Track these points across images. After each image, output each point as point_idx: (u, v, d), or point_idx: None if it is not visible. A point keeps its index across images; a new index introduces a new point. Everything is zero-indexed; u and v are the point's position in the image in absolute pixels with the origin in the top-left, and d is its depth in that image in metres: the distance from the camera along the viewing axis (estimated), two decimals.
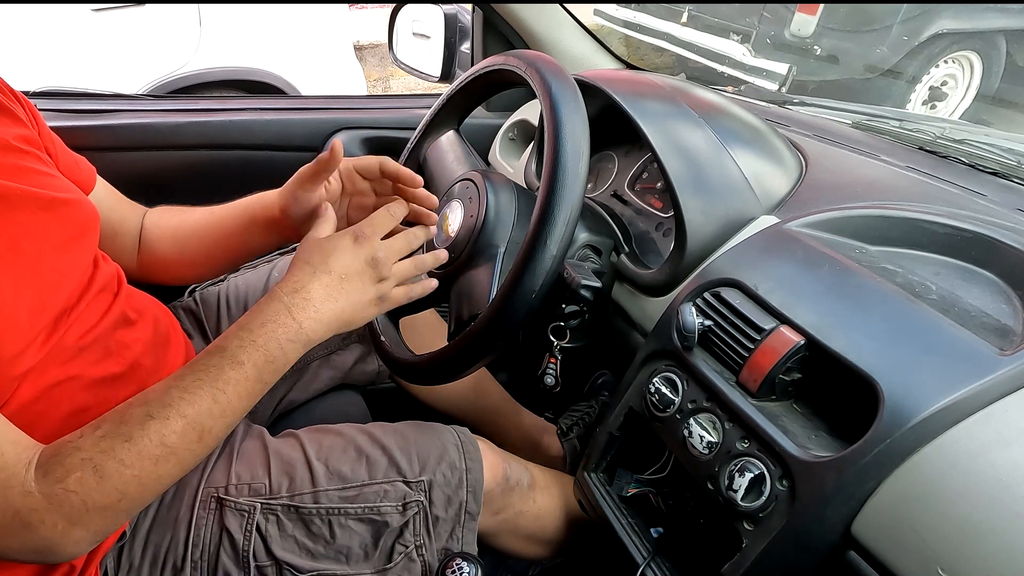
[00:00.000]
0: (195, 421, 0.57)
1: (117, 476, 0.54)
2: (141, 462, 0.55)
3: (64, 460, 0.53)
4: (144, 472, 0.55)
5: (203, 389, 0.58)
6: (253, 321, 0.62)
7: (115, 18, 2.22)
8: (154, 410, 0.56)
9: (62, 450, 0.54)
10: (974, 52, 3.53)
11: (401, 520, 0.76)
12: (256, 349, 0.60)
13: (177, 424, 0.56)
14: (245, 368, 0.60)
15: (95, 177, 0.82)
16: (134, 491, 0.55)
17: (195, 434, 0.57)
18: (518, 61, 0.74)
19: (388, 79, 4.82)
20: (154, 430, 0.55)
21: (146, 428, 0.55)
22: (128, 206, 0.87)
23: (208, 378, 0.59)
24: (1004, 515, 0.45)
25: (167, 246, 0.86)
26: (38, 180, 0.65)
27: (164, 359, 0.78)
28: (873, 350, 0.54)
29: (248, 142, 1.23)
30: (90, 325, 0.69)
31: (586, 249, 0.80)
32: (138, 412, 0.56)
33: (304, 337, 0.63)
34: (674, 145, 0.77)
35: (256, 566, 0.72)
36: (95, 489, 0.53)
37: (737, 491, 0.56)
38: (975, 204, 0.74)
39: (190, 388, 0.58)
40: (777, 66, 3.25)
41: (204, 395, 0.58)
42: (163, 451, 0.56)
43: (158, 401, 0.57)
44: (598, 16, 4.33)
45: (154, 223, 0.87)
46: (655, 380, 0.67)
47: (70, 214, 0.67)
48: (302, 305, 0.63)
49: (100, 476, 0.53)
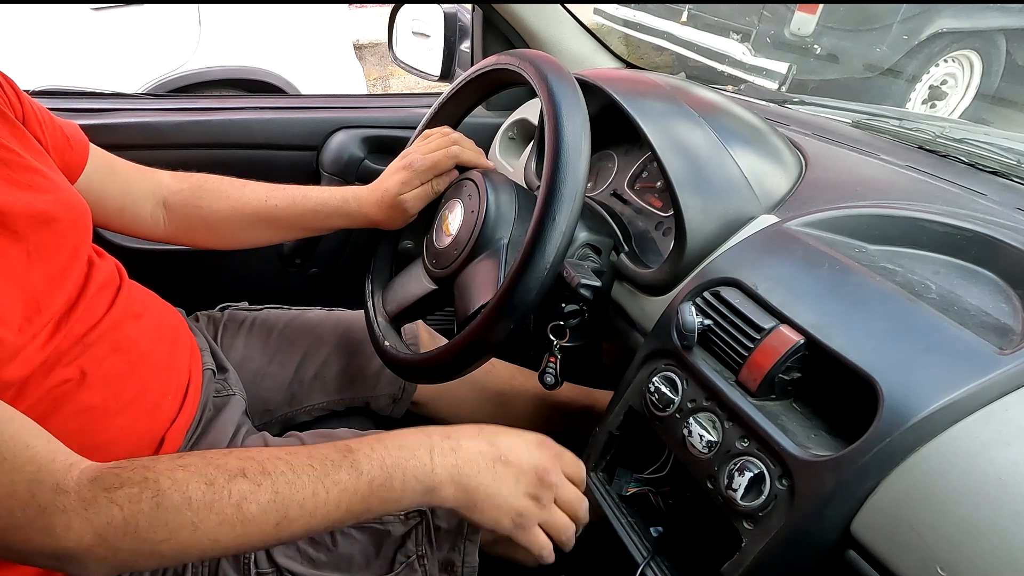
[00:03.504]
0: (284, 502, 0.51)
1: (175, 512, 0.48)
2: (208, 512, 0.49)
3: (124, 472, 0.48)
4: (204, 524, 0.48)
5: (310, 475, 0.52)
6: (392, 441, 0.57)
7: (115, 18, 2.22)
8: (250, 470, 0.51)
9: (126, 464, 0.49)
10: (974, 51, 3.53)
11: (403, 529, 0.76)
12: (381, 468, 0.55)
13: (265, 496, 0.50)
14: (361, 479, 0.54)
15: (87, 151, 0.80)
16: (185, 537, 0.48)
17: (276, 516, 0.51)
18: (518, 60, 0.74)
19: (388, 78, 4.82)
20: (239, 488, 0.50)
21: (232, 482, 0.50)
22: (137, 176, 0.85)
23: (321, 468, 0.53)
24: (1004, 514, 0.45)
25: (215, 227, 0.86)
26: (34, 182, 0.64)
27: (173, 354, 0.78)
28: (873, 349, 0.54)
29: (248, 141, 1.23)
30: (95, 321, 0.68)
31: (586, 248, 0.80)
32: (233, 464, 0.51)
33: (429, 483, 0.56)
34: (674, 144, 0.77)
35: (257, 572, 0.72)
36: (144, 514, 0.47)
37: (737, 490, 0.56)
38: (975, 203, 0.74)
39: (297, 468, 0.52)
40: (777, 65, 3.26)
41: (308, 482, 0.52)
42: (235, 515, 0.49)
43: (258, 464, 0.52)
44: (598, 15, 4.34)
45: (191, 200, 0.86)
46: (655, 379, 0.67)
47: (67, 214, 0.66)
48: (444, 453, 0.57)
49: (158, 503, 0.47)
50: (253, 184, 0.87)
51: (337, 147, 1.26)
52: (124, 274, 0.78)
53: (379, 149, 1.30)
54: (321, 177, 1.29)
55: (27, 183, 0.64)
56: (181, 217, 0.86)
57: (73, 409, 0.64)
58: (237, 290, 1.16)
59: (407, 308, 0.86)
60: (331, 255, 1.36)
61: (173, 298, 0.91)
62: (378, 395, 1.02)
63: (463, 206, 0.78)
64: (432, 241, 0.81)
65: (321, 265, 1.36)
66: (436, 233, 0.81)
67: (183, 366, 0.80)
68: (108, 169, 0.82)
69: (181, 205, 0.85)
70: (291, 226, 0.87)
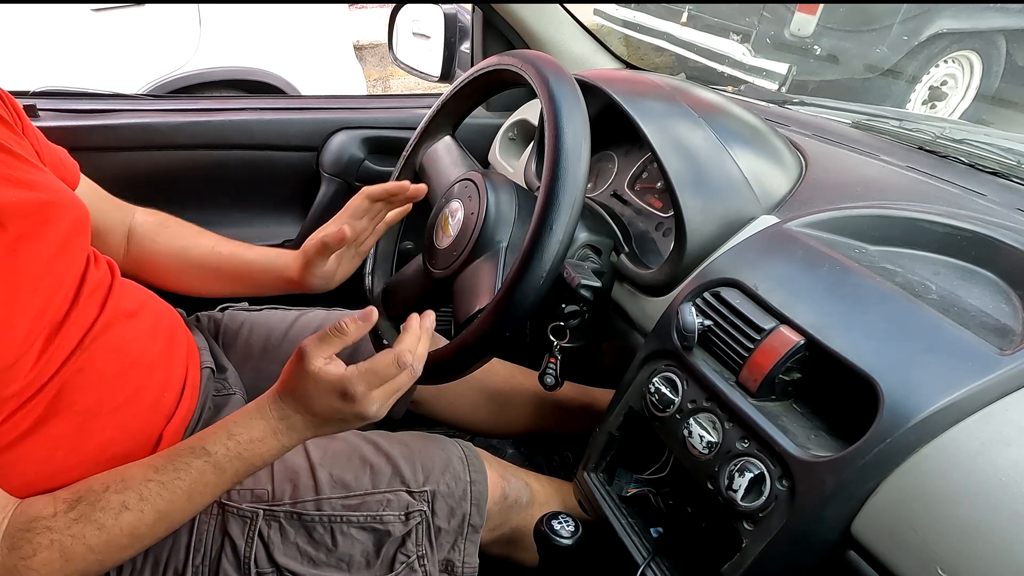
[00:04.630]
0: (167, 515, 0.61)
1: (81, 560, 0.57)
2: (108, 548, 0.58)
3: (33, 538, 0.55)
4: (108, 556, 0.59)
5: (181, 488, 0.61)
6: (241, 434, 0.63)
7: (115, 18, 2.22)
8: (131, 501, 0.59)
9: (33, 526, 0.56)
10: (974, 52, 3.53)
11: (403, 529, 0.76)
12: (241, 461, 0.63)
13: (150, 517, 0.59)
14: (225, 475, 0.63)
15: (79, 174, 0.82)
16: (95, 570, 0.59)
17: (164, 526, 0.61)
18: (517, 61, 0.74)
19: (388, 79, 4.82)
20: (127, 522, 0.58)
21: (119, 519, 0.58)
22: (112, 205, 0.87)
23: (188, 479, 0.61)
24: (1004, 515, 0.45)
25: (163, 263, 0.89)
26: (29, 180, 0.65)
27: (169, 352, 0.78)
28: (873, 350, 0.54)
29: (248, 142, 1.23)
30: (90, 322, 0.68)
31: (586, 249, 0.80)
32: (114, 500, 0.59)
33: (285, 451, 0.66)
34: (674, 145, 0.77)
35: (257, 572, 0.72)
36: (58, 571, 0.56)
37: (737, 491, 0.56)
38: (975, 204, 0.74)
39: (169, 485, 0.60)
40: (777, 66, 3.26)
41: (181, 494, 0.61)
42: (130, 540, 0.59)
43: (136, 493, 0.59)
44: (598, 16, 4.34)
45: (149, 234, 0.89)
46: (655, 380, 0.67)
47: (64, 215, 0.67)
48: (285, 432, 0.64)
49: (66, 559, 0.56)
50: (208, 233, 0.92)
51: (337, 148, 1.27)
52: (116, 273, 0.78)
53: (379, 150, 1.30)
54: (321, 178, 1.29)
55: (27, 182, 0.64)
56: (136, 249, 0.89)
57: (70, 410, 0.64)
58: None
59: (407, 307, 0.86)
60: None
61: (173, 298, 0.91)
62: None
63: (463, 207, 0.78)
64: (432, 241, 0.81)
65: None
66: (436, 233, 0.81)
67: (179, 364, 0.80)
68: (95, 194, 0.85)
69: (140, 238, 0.89)
70: (232, 278, 0.90)
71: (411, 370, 0.64)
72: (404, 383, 0.65)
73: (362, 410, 0.63)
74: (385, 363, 0.63)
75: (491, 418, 1.11)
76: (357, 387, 0.62)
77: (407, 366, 0.64)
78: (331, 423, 0.66)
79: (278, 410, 0.64)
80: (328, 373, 0.62)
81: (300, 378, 0.63)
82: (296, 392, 0.64)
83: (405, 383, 0.65)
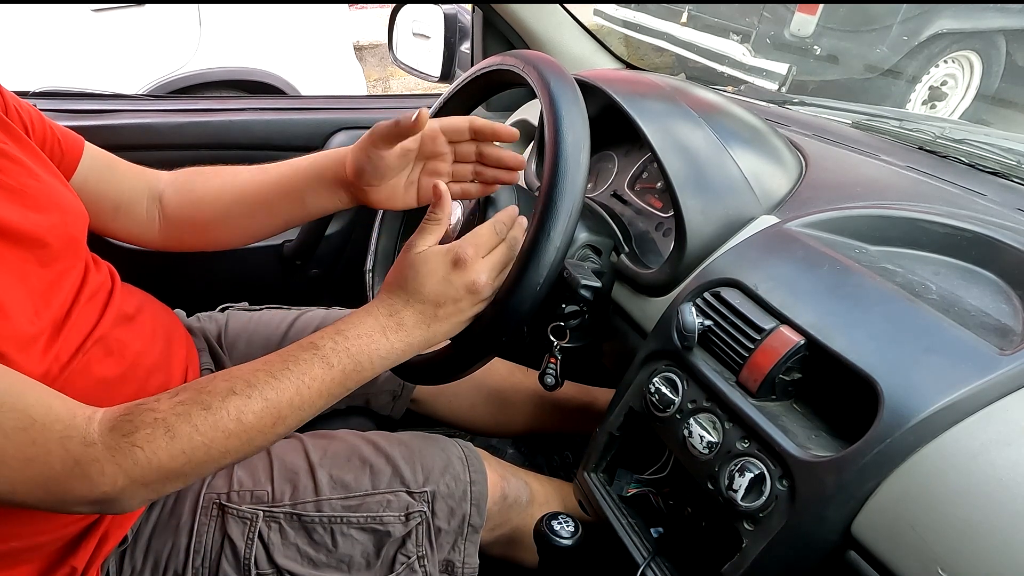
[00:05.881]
0: (275, 406, 0.57)
1: (187, 439, 0.54)
2: (214, 432, 0.55)
3: (135, 418, 0.53)
4: (214, 442, 0.55)
5: (289, 379, 0.58)
6: (350, 330, 0.62)
7: (115, 18, 2.22)
8: (238, 387, 0.57)
9: (134, 410, 0.54)
10: (974, 52, 3.53)
11: (403, 530, 0.76)
12: (349, 356, 0.61)
13: (257, 405, 0.56)
14: (334, 370, 0.60)
15: (81, 150, 0.78)
16: (200, 456, 0.55)
17: (271, 419, 0.57)
18: (517, 61, 0.74)
19: (388, 79, 4.82)
20: (234, 405, 0.56)
21: (227, 401, 0.56)
22: (132, 174, 0.82)
23: (297, 370, 0.59)
24: (1004, 515, 0.45)
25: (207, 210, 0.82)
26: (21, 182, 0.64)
27: (168, 354, 0.78)
28: (873, 350, 0.54)
29: (248, 142, 1.23)
30: (89, 327, 0.68)
31: (586, 249, 0.80)
32: (221, 386, 0.57)
33: (395, 356, 0.63)
34: (674, 145, 0.77)
35: (258, 573, 0.72)
36: (163, 448, 0.53)
37: (737, 491, 0.56)
38: (975, 204, 0.74)
39: (277, 374, 0.58)
40: (777, 66, 3.26)
41: (289, 384, 0.58)
42: (237, 427, 0.56)
43: (243, 379, 0.57)
44: (598, 16, 4.34)
45: (185, 187, 0.82)
46: (655, 380, 0.67)
47: (58, 221, 0.66)
48: (395, 329, 0.63)
49: (171, 436, 0.53)
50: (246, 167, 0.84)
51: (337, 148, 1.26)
52: (116, 278, 0.77)
53: None
54: None
55: (20, 188, 0.63)
56: (175, 207, 0.82)
57: None
58: (237, 291, 1.16)
59: None
60: (331, 255, 1.36)
61: (173, 299, 0.91)
62: (378, 392, 1.02)
63: (463, 207, 0.78)
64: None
65: (321, 266, 1.36)
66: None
67: (178, 365, 0.80)
68: (106, 166, 0.80)
69: (175, 193, 0.82)
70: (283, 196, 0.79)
71: (508, 244, 0.66)
72: (505, 256, 0.65)
73: (474, 277, 0.63)
74: (485, 230, 0.65)
75: (491, 417, 1.11)
76: (466, 250, 0.63)
77: (503, 236, 0.66)
78: (443, 306, 0.63)
79: (387, 307, 0.63)
80: (438, 248, 0.64)
81: (408, 267, 0.64)
82: (404, 282, 0.63)
83: (505, 256, 0.66)
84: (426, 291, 0.63)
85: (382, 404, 1.03)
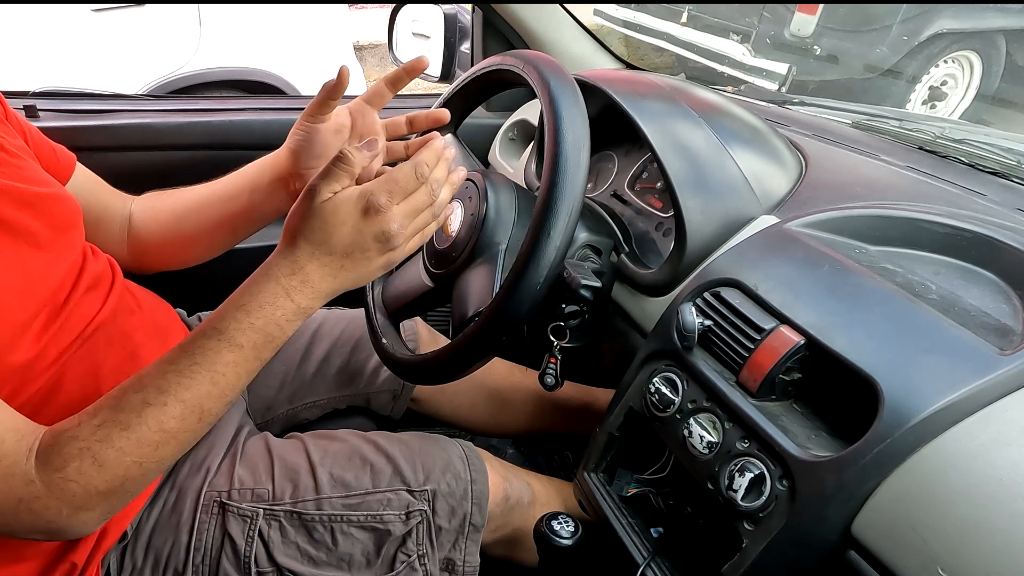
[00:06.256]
0: (194, 405, 0.56)
1: (117, 463, 0.53)
2: (141, 448, 0.54)
3: (62, 449, 0.53)
4: (145, 457, 0.54)
5: (201, 373, 0.56)
6: (251, 302, 0.58)
7: (115, 18, 2.22)
8: (151, 396, 0.55)
9: (60, 439, 0.53)
10: (974, 52, 3.54)
11: (404, 529, 0.76)
12: (255, 332, 0.58)
13: (175, 410, 0.55)
14: (244, 350, 0.58)
15: (73, 165, 0.80)
16: (136, 473, 0.54)
17: (194, 417, 0.56)
18: (517, 61, 0.74)
19: None
20: (152, 417, 0.54)
21: (144, 416, 0.54)
22: (111, 194, 0.85)
23: (206, 361, 0.56)
24: (1004, 515, 0.45)
25: (163, 228, 0.83)
26: (16, 173, 0.64)
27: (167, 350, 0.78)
28: (873, 350, 0.54)
29: (248, 142, 1.23)
30: (91, 316, 0.69)
31: (586, 249, 0.80)
32: (134, 399, 0.55)
33: (303, 314, 0.60)
34: (674, 145, 0.77)
35: (258, 572, 0.72)
36: (95, 477, 0.53)
37: (737, 491, 0.56)
38: (975, 204, 0.74)
39: (186, 372, 0.56)
40: (777, 66, 3.26)
41: (202, 379, 0.56)
42: (162, 436, 0.55)
43: (154, 387, 0.55)
44: (598, 16, 4.34)
45: (147, 207, 0.85)
46: (655, 380, 0.67)
47: (50, 209, 0.66)
48: (299, 288, 0.59)
49: (99, 465, 0.53)
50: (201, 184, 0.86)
51: None
52: (118, 271, 0.78)
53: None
54: None
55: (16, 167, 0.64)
56: (137, 229, 0.84)
57: (67, 400, 0.64)
58: None
59: (406, 305, 0.86)
60: None
61: (174, 298, 0.91)
62: (378, 391, 1.02)
63: (463, 207, 0.78)
64: (432, 241, 0.81)
65: None
66: (436, 233, 0.81)
67: None
68: (92, 184, 0.83)
69: (138, 214, 0.85)
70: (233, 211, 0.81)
71: (429, 187, 0.60)
72: (423, 202, 0.60)
73: (385, 227, 0.58)
74: (404, 172, 0.59)
75: (491, 417, 1.11)
76: (379, 197, 0.58)
77: (424, 178, 0.60)
78: (351, 256, 0.59)
79: (288, 264, 0.59)
80: (346, 193, 0.58)
81: (312, 215, 0.58)
82: (308, 232, 0.58)
83: (423, 202, 0.61)
84: (333, 242, 0.58)
85: (382, 404, 1.03)
